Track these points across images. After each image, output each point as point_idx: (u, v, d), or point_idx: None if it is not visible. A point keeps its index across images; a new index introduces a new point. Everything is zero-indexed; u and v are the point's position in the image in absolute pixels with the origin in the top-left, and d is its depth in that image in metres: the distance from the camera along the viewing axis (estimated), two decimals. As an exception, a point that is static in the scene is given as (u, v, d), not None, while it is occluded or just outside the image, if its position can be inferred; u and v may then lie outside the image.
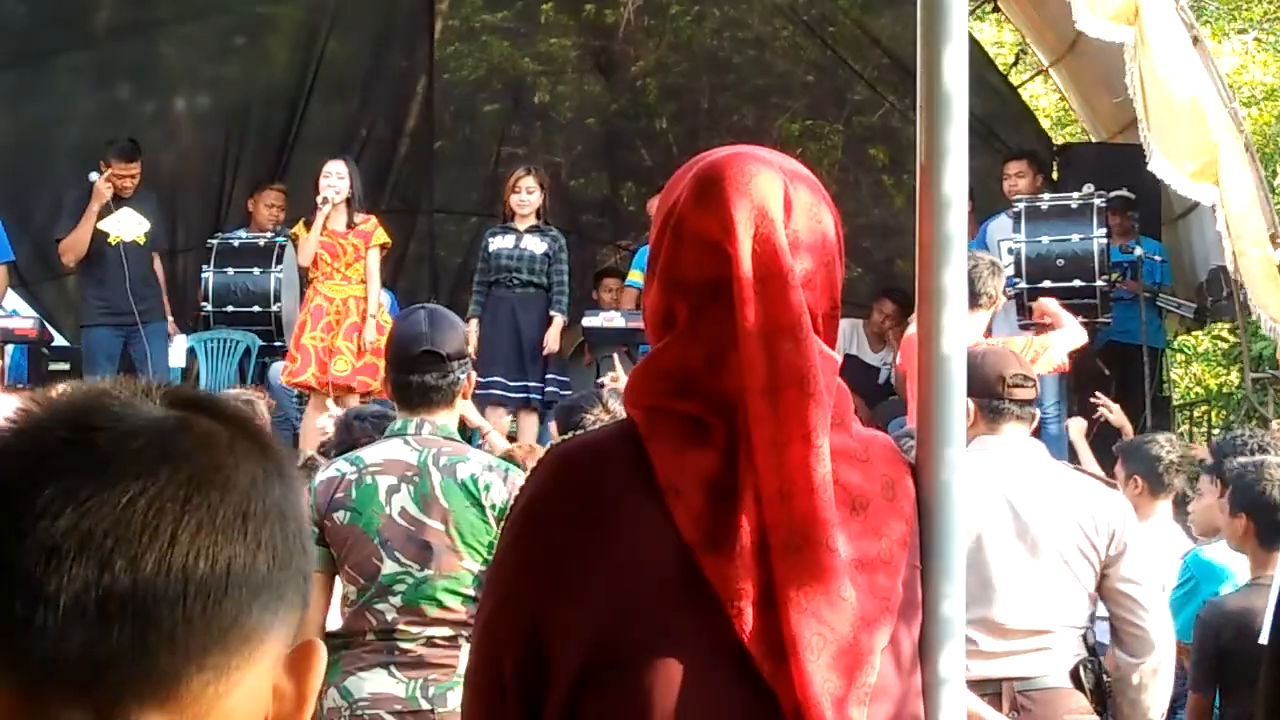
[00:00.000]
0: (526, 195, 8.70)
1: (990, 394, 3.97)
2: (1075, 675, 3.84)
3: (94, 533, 0.86)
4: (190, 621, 0.88)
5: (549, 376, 8.70)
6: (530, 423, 8.57)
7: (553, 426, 6.32)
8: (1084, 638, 3.91)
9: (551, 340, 8.66)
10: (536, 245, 8.67)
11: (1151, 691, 3.86)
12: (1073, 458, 7.19)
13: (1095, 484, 4.05)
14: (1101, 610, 4.01)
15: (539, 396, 8.64)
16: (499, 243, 8.77)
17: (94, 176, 8.70)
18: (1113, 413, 7.33)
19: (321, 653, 0.96)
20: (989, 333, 6.52)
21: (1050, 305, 7.36)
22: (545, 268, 8.67)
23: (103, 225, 8.85)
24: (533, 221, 8.72)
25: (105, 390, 0.94)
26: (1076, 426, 7.22)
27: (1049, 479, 3.93)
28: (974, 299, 5.81)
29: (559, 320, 8.68)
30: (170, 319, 9.29)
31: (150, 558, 0.87)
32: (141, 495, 0.88)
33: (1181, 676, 4.49)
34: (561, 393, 8.50)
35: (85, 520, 0.87)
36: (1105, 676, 3.88)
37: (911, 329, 6.75)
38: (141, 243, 8.97)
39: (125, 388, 0.94)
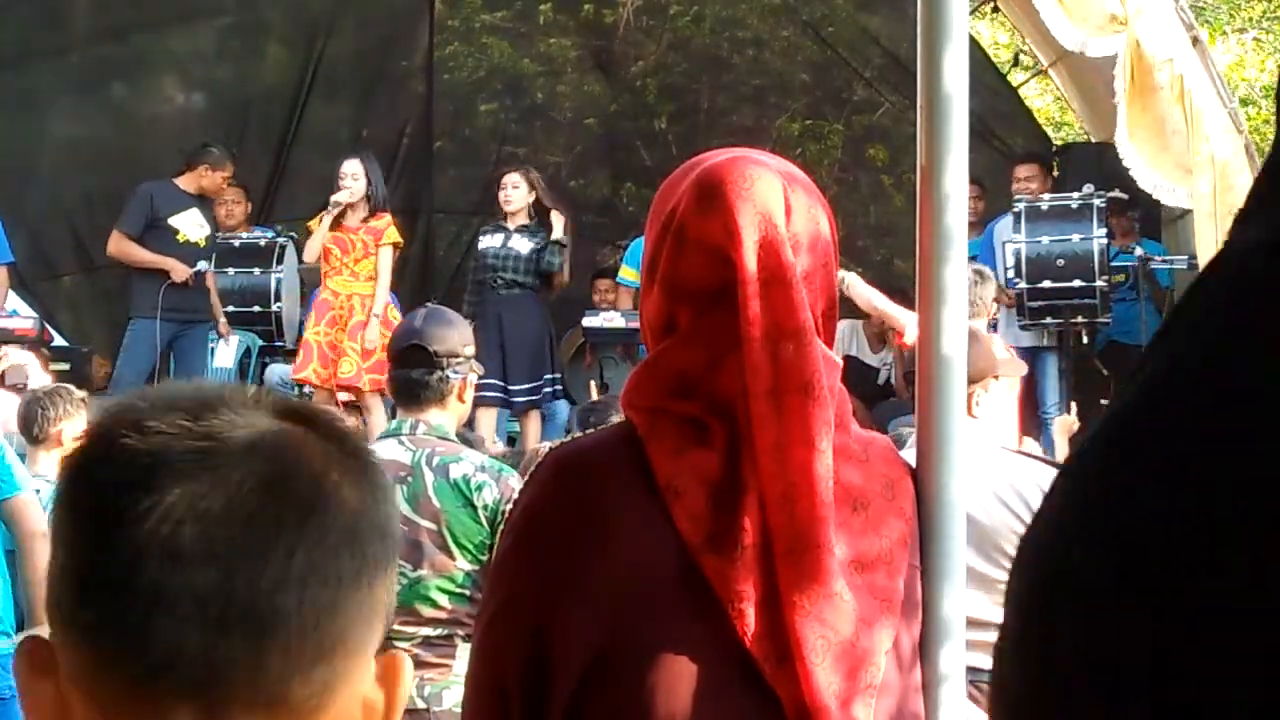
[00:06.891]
0: (512, 191, 8.58)
1: None
2: None
3: (218, 542, 0.89)
4: (304, 635, 0.90)
5: (547, 377, 8.61)
6: (533, 425, 8.50)
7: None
8: None
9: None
10: (524, 244, 8.50)
11: None
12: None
13: (1036, 466, 3.90)
14: None
15: (530, 398, 8.47)
16: (487, 241, 8.66)
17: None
18: None
19: (407, 665, 0.99)
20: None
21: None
22: (533, 267, 8.50)
23: (173, 221, 8.86)
24: (524, 221, 8.60)
25: (219, 395, 0.96)
26: (1061, 424, 7.13)
27: (987, 463, 3.75)
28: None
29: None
30: (222, 319, 9.18)
31: (270, 572, 0.90)
32: (261, 510, 0.90)
33: None
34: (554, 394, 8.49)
35: (211, 530, 0.89)
36: None
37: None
38: (202, 245, 8.97)
39: (237, 393, 0.97)
